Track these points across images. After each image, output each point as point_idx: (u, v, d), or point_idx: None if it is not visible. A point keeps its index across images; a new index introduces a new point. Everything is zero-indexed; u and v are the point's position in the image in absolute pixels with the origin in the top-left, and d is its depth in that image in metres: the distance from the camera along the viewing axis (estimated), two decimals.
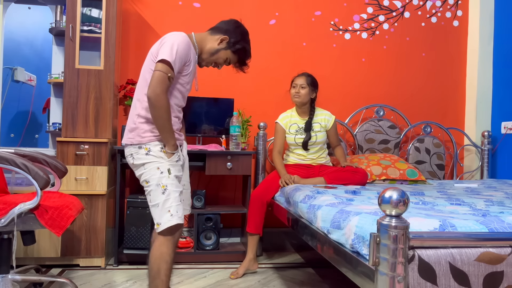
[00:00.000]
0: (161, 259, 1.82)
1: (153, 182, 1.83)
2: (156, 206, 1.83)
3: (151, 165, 1.84)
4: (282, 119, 3.00)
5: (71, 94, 2.80)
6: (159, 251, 1.82)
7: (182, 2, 3.38)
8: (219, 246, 3.05)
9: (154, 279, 1.82)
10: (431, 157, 3.55)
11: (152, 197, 1.85)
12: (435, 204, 1.93)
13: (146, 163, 1.85)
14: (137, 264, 2.88)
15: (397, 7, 3.70)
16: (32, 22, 3.21)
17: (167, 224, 1.81)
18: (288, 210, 2.44)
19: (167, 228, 1.81)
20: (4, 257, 2.10)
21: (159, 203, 1.82)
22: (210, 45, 1.99)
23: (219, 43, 1.98)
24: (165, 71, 1.76)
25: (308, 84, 2.91)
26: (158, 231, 1.83)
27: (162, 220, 1.82)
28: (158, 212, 1.83)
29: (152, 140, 1.86)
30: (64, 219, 1.99)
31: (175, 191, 1.85)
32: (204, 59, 2.01)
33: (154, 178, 1.83)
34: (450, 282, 1.22)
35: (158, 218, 1.83)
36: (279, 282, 2.62)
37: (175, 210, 1.83)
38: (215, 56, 2.00)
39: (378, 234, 1.20)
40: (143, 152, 1.85)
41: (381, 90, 3.68)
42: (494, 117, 3.65)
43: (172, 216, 1.82)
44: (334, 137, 3.03)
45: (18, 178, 2.67)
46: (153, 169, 1.84)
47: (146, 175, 1.85)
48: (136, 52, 3.33)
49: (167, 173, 1.85)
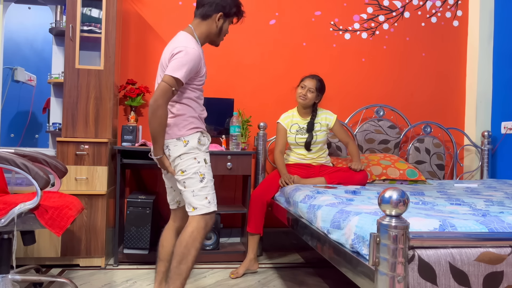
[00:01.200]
0: (193, 245, 1.86)
1: (191, 170, 1.88)
2: (192, 192, 1.88)
3: (187, 156, 1.90)
4: (284, 119, 3.00)
5: (71, 94, 2.80)
6: (192, 236, 1.86)
7: (182, 2, 3.38)
8: (219, 246, 3.05)
9: (180, 264, 1.84)
10: (431, 157, 3.55)
11: (188, 183, 1.89)
12: (435, 204, 1.93)
13: (183, 154, 1.90)
14: (137, 264, 2.88)
15: (397, 7, 3.70)
16: (32, 22, 3.20)
17: (205, 210, 1.88)
18: (288, 210, 2.44)
19: (203, 214, 1.87)
20: (4, 257, 2.10)
21: (195, 189, 1.88)
22: (211, 29, 2.01)
23: (217, 22, 2.00)
24: (170, 84, 1.82)
25: (317, 89, 2.91)
26: (193, 214, 1.88)
27: (199, 204, 1.87)
28: (195, 197, 1.88)
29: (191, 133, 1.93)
30: (64, 219, 1.99)
31: (211, 180, 1.94)
32: (215, 40, 2.06)
33: (191, 167, 1.88)
34: (450, 282, 1.22)
35: (195, 203, 1.88)
36: (279, 282, 2.62)
37: (212, 197, 1.91)
38: (222, 33, 2.04)
39: (378, 234, 1.20)
40: (181, 144, 1.90)
41: (381, 90, 3.68)
42: (494, 117, 3.65)
43: (210, 203, 1.90)
44: (342, 134, 3.00)
45: (18, 178, 2.67)
46: (190, 159, 1.89)
47: (182, 165, 1.89)
48: (136, 52, 3.33)
49: (204, 162, 1.92)
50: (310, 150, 2.94)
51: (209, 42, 2.07)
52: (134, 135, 2.96)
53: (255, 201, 2.75)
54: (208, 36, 2.02)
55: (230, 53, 3.44)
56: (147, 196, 2.92)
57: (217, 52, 3.36)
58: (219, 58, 3.40)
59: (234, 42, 3.43)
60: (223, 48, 3.40)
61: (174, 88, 1.83)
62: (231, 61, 3.45)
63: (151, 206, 2.87)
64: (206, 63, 2.33)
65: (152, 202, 2.88)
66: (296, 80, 3.57)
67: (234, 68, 3.46)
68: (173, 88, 1.83)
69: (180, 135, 1.91)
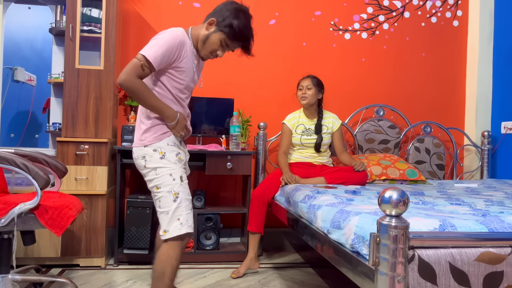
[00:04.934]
0: (167, 262, 1.78)
1: (165, 188, 1.78)
2: (165, 213, 1.78)
3: (164, 170, 1.80)
4: (289, 120, 3.02)
5: (71, 94, 2.80)
6: (166, 254, 1.78)
7: (182, 2, 3.38)
8: (219, 246, 3.05)
9: (157, 281, 1.78)
10: (431, 157, 3.55)
11: (162, 203, 1.79)
12: (435, 204, 1.93)
13: (159, 167, 1.80)
14: (137, 264, 2.88)
15: (397, 7, 3.70)
16: (32, 22, 3.20)
17: (176, 233, 1.77)
18: (288, 210, 2.44)
19: (175, 236, 1.77)
20: (4, 257, 2.10)
21: (169, 210, 1.78)
22: (201, 33, 1.88)
23: (207, 28, 1.87)
24: (139, 59, 1.75)
25: (314, 85, 2.94)
26: (164, 239, 1.79)
27: (171, 227, 1.77)
28: (167, 219, 1.78)
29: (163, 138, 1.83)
30: (64, 219, 1.99)
31: (186, 199, 1.81)
32: (200, 50, 1.91)
33: (166, 184, 1.78)
34: (450, 282, 1.22)
35: (166, 225, 1.78)
36: (279, 282, 2.62)
37: (185, 218, 1.79)
38: (207, 43, 1.87)
39: (378, 234, 1.20)
40: (157, 156, 1.81)
41: (381, 90, 3.68)
42: (494, 117, 3.65)
43: (182, 225, 1.78)
44: (340, 141, 3.01)
45: (18, 178, 2.67)
46: (165, 175, 1.79)
47: (157, 181, 1.80)
48: (136, 52, 3.29)
49: (179, 180, 1.81)
50: (320, 151, 2.95)
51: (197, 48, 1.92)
52: (134, 135, 2.95)
53: (256, 200, 2.76)
54: (196, 40, 1.89)
55: (230, 53, 3.42)
56: (147, 196, 2.92)
57: None
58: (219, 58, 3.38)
59: None
60: None
61: (142, 62, 1.73)
62: (231, 61, 3.44)
63: (151, 206, 2.87)
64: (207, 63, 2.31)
65: (152, 202, 2.87)
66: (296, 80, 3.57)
67: (234, 68, 3.45)
68: (141, 62, 1.73)
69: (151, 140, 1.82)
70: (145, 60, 1.75)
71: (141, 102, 1.81)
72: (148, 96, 1.78)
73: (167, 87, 1.86)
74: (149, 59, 1.75)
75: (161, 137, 1.84)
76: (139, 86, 1.76)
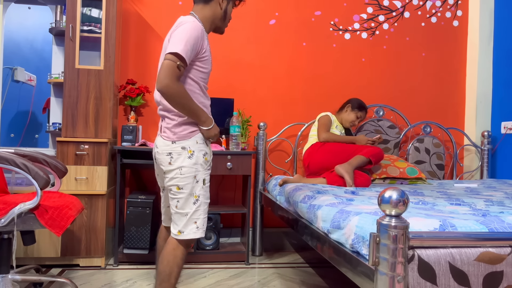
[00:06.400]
0: (174, 262, 1.77)
1: (187, 190, 1.76)
2: (184, 214, 1.77)
3: (189, 171, 1.76)
4: (332, 116, 3.16)
5: (71, 94, 2.80)
6: (172, 254, 1.77)
7: (182, 2, 3.38)
8: (219, 246, 3.05)
9: (163, 282, 1.77)
10: (431, 157, 3.55)
11: (181, 204, 1.77)
12: (435, 204, 1.93)
13: (184, 167, 1.76)
14: (137, 264, 2.88)
15: (397, 7, 3.70)
16: (32, 22, 3.20)
17: (191, 236, 1.77)
18: (288, 210, 2.44)
19: (189, 239, 1.78)
20: (4, 257, 2.10)
21: (188, 212, 1.76)
22: (215, 12, 1.86)
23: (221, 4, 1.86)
24: (173, 60, 1.65)
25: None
26: (177, 238, 1.77)
27: (186, 229, 1.76)
28: (184, 220, 1.77)
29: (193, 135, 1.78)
30: (64, 219, 1.99)
31: (205, 203, 1.81)
32: (221, 26, 1.92)
33: (188, 186, 1.76)
34: (450, 282, 1.22)
35: (182, 226, 1.77)
36: (279, 282, 2.62)
37: (201, 223, 1.79)
38: (227, 17, 1.91)
39: (378, 234, 1.20)
40: (185, 155, 1.76)
41: (381, 90, 3.68)
42: (494, 117, 3.65)
43: (198, 229, 1.78)
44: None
45: (18, 178, 2.67)
46: (190, 176, 1.76)
47: (180, 181, 1.76)
48: (136, 52, 3.33)
49: (202, 183, 1.80)
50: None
51: (214, 30, 1.92)
52: (134, 135, 2.96)
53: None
54: (213, 21, 1.87)
55: (230, 53, 3.44)
56: (147, 196, 2.92)
57: (217, 52, 3.36)
58: (219, 58, 3.39)
59: (234, 42, 3.43)
60: (223, 48, 3.41)
61: (178, 63, 1.65)
62: (231, 61, 3.45)
63: (151, 206, 2.87)
64: None
65: (152, 202, 2.88)
66: (296, 80, 3.58)
67: (234, 68, 3.46)
68: (177, 63, 1.65)
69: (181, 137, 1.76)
70: (178, 58, 1.66)
71: (181, 106, 1.71)
72: (189, 100, 1.72)
73: (194, 80, 1.80)
74: (183, 56, 1.66)
75: (191, 135, 1.78)
76: (182, 90, 1.69)
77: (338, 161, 2.79)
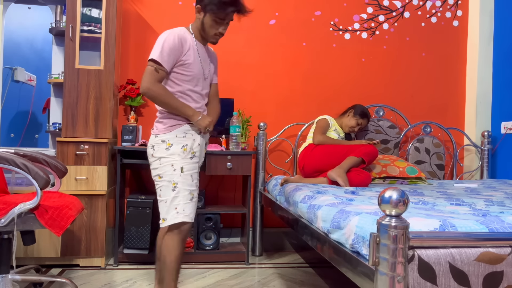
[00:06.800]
0: (166, 250, 1.88)
1: (166, 178, 1.89)
2: (164, 201, 1.89)
3: (167, 161, 1.90)
4: (330, 120, 3.14)
5: (71, 94, 2.80)
6: (165, 245, 1.89)
7: (182, 2, 3.38)
8: (219, 246, 3.05)
9: (161, 271, 1.89)
10: (431, 157, 3.55)
11: (162, 192, 1.91)
12: (435, 204, 1.93)
13: (163, 157, 1.91)
14: (137, 264, 2.88)
15: (397, 7, 3.70)
16: (32, 22, 3.20)
17: (172, 221, 1.87)
18: (288, 210, 2.44)
19: (172, 225, 1.87)
20: (4, 257, 2.10)
21: (167, 199, 1.88)
22: (198, 24, 2.01)
23: (197, 16, 1.99)
24: (150, 65, 1.88)
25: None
26: (162, 226, 1.89)
27: (168, 216, 1.88)
28: (165, 208, 1.89)
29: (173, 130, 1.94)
30: (64, 219, 1.99)
31: (185, 190, 1.90)
32: (205, 37, 2.03)
33: (167, 174, 1.89)
34: (450, 282, 1.22)
35: (164, 214, 1.89)
36: (279, 282, 2.62)
37: (182, 208, 1.88)
38: (205, 29, 1.98)
39: (378, 234, 1.20)
40: (164, 147, 1.92)
41: (381, 90, 3.68)
42: (494, 117, 3.65)
43: (178, 213, 1.87)
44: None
45: (18, 178, 2.67)
46: (167, 165, 1.90)
47: (160, 170, 1.91)
48: (136, 52, 3.33)
49: (180, 170, 1.90)
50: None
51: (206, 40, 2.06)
52: (134, 135, 2.96)
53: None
54: (198, 30, 2.02)
55: (230, 53, 3.44)
56: (147, 196, 2.92)
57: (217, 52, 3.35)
58: (219, 58, 3.38)
59: (234, 42, 3.43)
60: (223, 48, 3.40)
61: (155, 66, 1.87)
62: (231, 61, 3.44)
63: (151, 206, 2.87)
64: None
65: (152, 202, 2.88)
66: (296, 80, 3.58)
67: (234, 68, 3.45)
68: (155, 66, 1.87)
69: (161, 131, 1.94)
70: (155, 63, 1.88)
71: (165, 105, 1.93)
72: (171, 98, 1.92)
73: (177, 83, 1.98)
74: (158, 61, 1.88)
75: (170, 129, 1.95)
76: (162, 90, 1.91)
77: (331, 162, 2.79)
